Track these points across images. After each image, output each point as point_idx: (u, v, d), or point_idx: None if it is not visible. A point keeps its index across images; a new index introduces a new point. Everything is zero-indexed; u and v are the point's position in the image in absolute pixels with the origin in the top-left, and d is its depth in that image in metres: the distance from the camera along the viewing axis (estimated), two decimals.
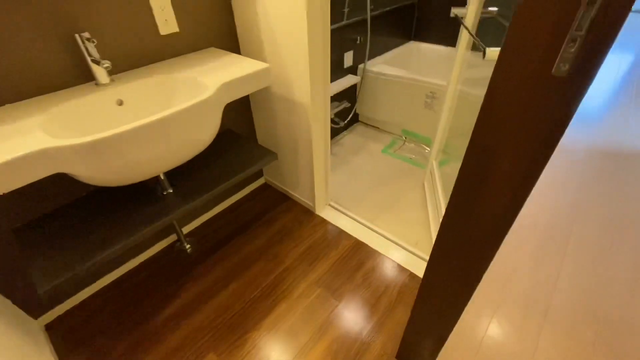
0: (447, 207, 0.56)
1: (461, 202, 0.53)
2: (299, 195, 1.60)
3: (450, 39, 2.22)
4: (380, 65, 2.00)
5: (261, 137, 1.57)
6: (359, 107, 2.20)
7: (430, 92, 1.80)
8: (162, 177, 1.03)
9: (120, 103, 0.93)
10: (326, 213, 1.56)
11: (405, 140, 2.12)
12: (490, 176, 0.47)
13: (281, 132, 1.42)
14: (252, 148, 1.25)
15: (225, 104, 0.98)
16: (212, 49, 1.17)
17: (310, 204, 1.56)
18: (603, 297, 1.13)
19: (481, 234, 0.52)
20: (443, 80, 1.76)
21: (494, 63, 0.41)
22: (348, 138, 2.17)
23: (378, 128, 2.25)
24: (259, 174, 1.74)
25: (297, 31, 1.03)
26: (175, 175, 1.12)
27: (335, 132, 2.13)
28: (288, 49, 1.11)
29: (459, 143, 1.79)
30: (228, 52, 1.13)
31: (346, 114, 2.11)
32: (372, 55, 2.10)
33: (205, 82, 0.93)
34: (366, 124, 2.30)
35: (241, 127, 1.50)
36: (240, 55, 1.10)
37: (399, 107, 1.99)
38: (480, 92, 1.70)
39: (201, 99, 0.83)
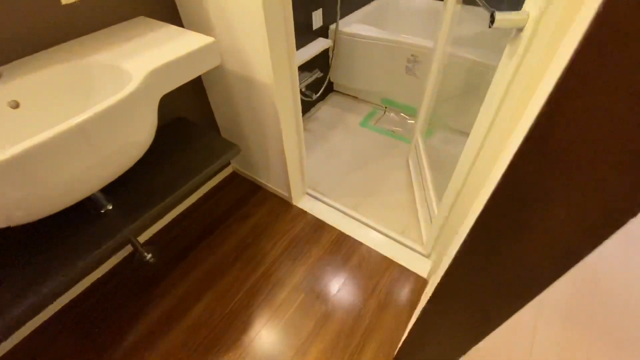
0: (462, 244, 0.41)
1: (484, 244, 0.38)
2: (272, 185, 1.43)
3: None
4: (355, 25, 1.75)
5: (221, 123, 1.35)
6: (333, 75, 1.97)
7: (412, 56, 1.60)
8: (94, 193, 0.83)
9: (15, 105, 0.69)
10: (304, 203, 1.41)
11: (385, 110, 1.94)
12: (534, 223, 0.32)
13: (244, 117, 1.21)
14: (210, 140, 1.05)
15: (161, 95, 0.76)
16: (141, 18, 0.91)
17: (286, 194, 1.39)
18: None
19: (505, 289, 0.39)
20: (425, 41, 1.55)
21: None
22: (323, 111, 1.96)
23: (355, 97, 2.04)
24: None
25: None
26: (115, 185, 0.91)
27: (308, 106, 1.91)
28: (239, 14, 0.87)
29: (445, 110, 1.63)
30: (162, 23, 0.88)
31: (319, 84, 1.88)
32: (344, 13, 1.83)
33: (129, 70, 0.70)
34: (342, 94, 2.08)
35: (195, 112, 1.27)
36: (177, 27, 0.85)
37: (378, 73, 1.78)
38: (473, 52, 1.53)
39: (118, 99, 0.61)
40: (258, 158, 1.35)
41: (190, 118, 1.25)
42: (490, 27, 0.60)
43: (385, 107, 1.95)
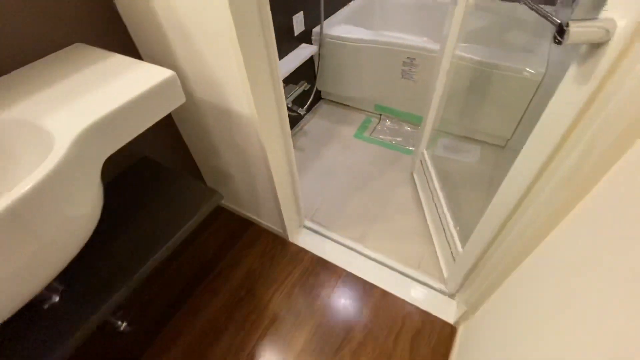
0: None
1: None
2: (264, 221, 1.24)
3: None
4: (341, 27, 1.56)
5: (199, 159, 1.14)
6: (320, 84, 1.78)
7: (408, 58, 1.43)
8: None
9: None
10: (303, 238, 1.22)
11: (380, 118, 1.77)
12: None
13: (225, 153, 1.01)
14: (183, 187, 0.85)
15: (105, 158, 0.56)
16: (79, 47, 0.70)
17: (281, 230, 1.21)
18: None
19: None
20: (424, 42, 1.38)
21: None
22: (312, 123, 1.77)
23: (347, 105, 1.86)
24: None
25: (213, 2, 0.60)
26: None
27: (295, 120, 1.72)
28: (205, 35, 0.67)
29: (448, 115, 1.47)
30: (105, 52, 0.67)
31: (307, 96, 1.69)
32: (328, 13, 1.64)
33: (52, 130, 0.49)
34: (332, 102, 1.90)
35: (165, 149, 1.06)
36: (124, 57, 0.64)
37: (370, 79, 1.60)
38: (481, 50, 1.34)
39: (30, 184, 0.41)
40: (246, 194, 1.16)
41: (159, 156, 1.04)
42: (558, 42, 0.42)
43: (380, 115, 1.77)
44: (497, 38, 1.56)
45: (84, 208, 0.52)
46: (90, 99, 0.54)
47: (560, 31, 0.42)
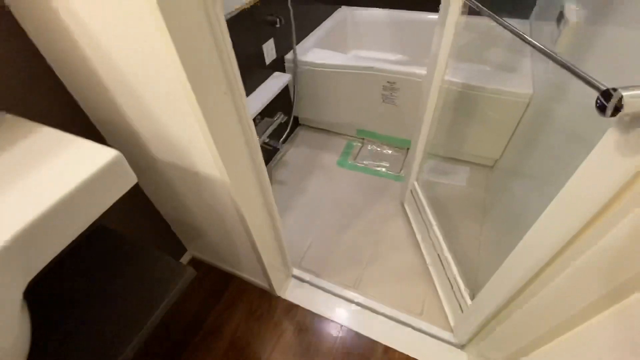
0: None
1: None
2: (247, 275, 1.11)
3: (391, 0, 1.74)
4: (315, 52, 1.47)
5: (168, 217, 1.01)
6: (298, 110, 1.68)
7: (388, 83, 1.35)
8: None
9: None
10: (291, 291, 1.10)
11: (363, 142, 1.68)
12: None
13: (198, 214, 0.88)
14: (148, 263, 0.71)
15: (28, 281, 0.42)
16: (5, 117, 0.56)
17: (266, 285, 1.08)
18: None
19: None
20: (403, 66, 1.31)
21: None
22: (292, 152, 1.66)
23: (327, 130, 1.77)
24: (180, 247, 1.19)
25: (155, 46, 0.48)
26: None
27: (274, 151, 1.61)
28: (156, 95, 0.55)
29: (438, 135, 1.40)
30: (33, 125, 0.53)
31: (283, 128, 1.58)
32: (300, 37, 1.55)
33: None
34: (311, 127, 1.80)
35: (125, 210, 0.92)
36: (56, 131, 0.51)
37: (349, 104, 1.52)
38: (468, 72, 1.28)
39: None
40: (224, 248, 1.03)
41: (119, 219, 0.90)
42: (602, 110, 0.34)
43: (363, 139, 1.69)
44: (479, 56, 1.53)
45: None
46: (6, 202, 0.41)
47: (606, 96, 0.33)
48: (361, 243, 1.25)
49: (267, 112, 1.38)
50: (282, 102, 1.53)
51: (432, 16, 1.68)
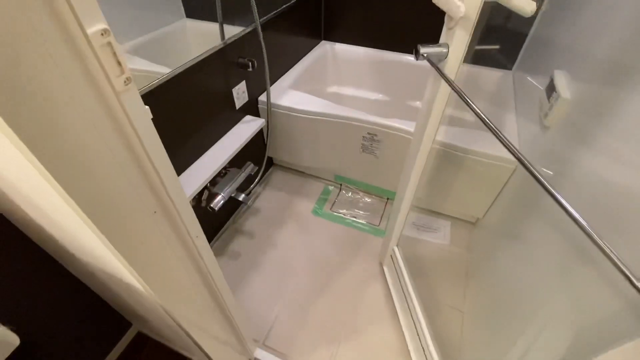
0: None
1: None
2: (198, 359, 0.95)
3: (374, 38, 1.68)
4: (291, 95, 1.36)
5: (102, 295, 0.84)
6: (271, 151, 1.56)
7: (369, 134, 1.26)
8: None
9: None
10: None
11: (341, 188, 1.58)
12: None
13: (133, 302, 0.73)
14: None
15: None
16: None
17: None
18: None
19: None
20: (385, 120, 1.22)
21: None
22: (264, 197, 1.53)
23: (303, 173, 1.65)
24: (124, 322, 1.02)
25: None
26: None
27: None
28: (58, 216, 0.41)
29: (420, 191, 1.32)
30: None
31: (254, 177, 1.45)
32: (278, 73, 1.44)
33: None
34: (286, 168, 1.68)
35: (55, 303, 0.75)
36: None
37: (327, 151, 1.41)
38: (453, 133, 1.19)
39: None
40: (168, 333, 0.87)
41: (51, 306, 0.73)
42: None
43: (341, 185, 1.59)
44: (465, 116, 1.47)
45: None
46: None
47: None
48: (336, 313, 1.12)
49: (235, 161, 1.25)
50: (254, 150, 1.41)
51: (411, 58, 1.63)
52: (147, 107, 0.39)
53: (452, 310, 1.13)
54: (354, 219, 1.44)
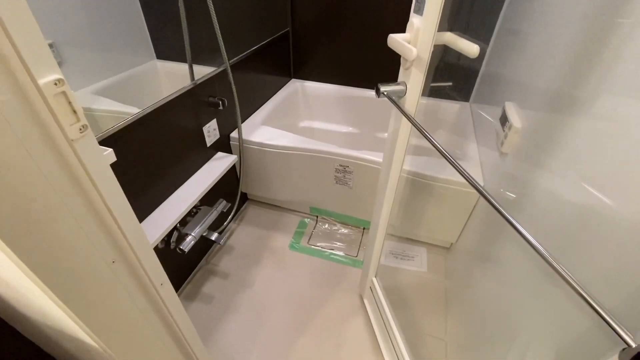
0: None
1: None
2: None
3: (340, 75, 1.77)
4: (262, 130, 1.38)
5: None
6: (245, 187, 1.54)
7: (341, 166, 1.29)
8: None
9: None
10: None
11: (317, 220, 1.57)
12: None
13: None
14: None
15: None
16: None
17: None
18: None
19: None
20: (355, 151, 1.26)
21: None
22: (239, 234, 1.48)
23: (278, 207, 1.63)
24: None
25: None
26: None
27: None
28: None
29: (394, 218, 1.34)
30: None
31: (227, 214, 1.42)
32: (250, 111, 1.47)
33: None
34: (260, 203, 1.66)
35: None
36: None
37: (301, 183, 1.42)
38: (419, 162, 1.24)
39: None
40: None
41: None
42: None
43: (317, 217, 1.58)
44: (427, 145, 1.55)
45: None
46: None
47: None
48: (318, 353, 1.07)
49: (206, 199, 1.22)
50: (228, 183, 1.39)
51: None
52: (109, 149, 0.38)
53: (434, 340, 1.11)
54: (332, 251, 1.42)
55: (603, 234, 0.49)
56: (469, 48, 0.53)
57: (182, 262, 1.24)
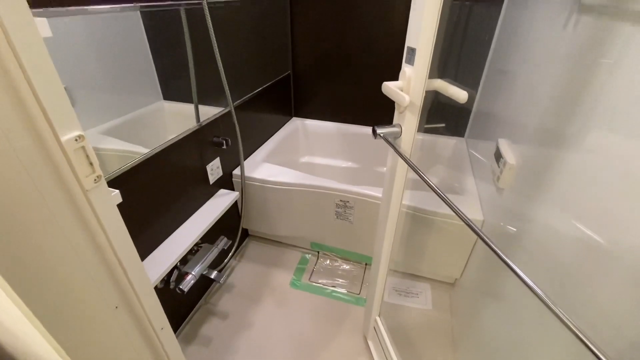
0: None
1: None
2: None
3: (340, 113, 1.84)
4: (264, 167, 1.41)
5: None
6: (246, 223, 1.55)
7: (341, 201, 1.30)
8: None
9: None
10: None
11: (318, 256, 1.55)
12: None
13: None
14: None
15: None
16: None
17: None
18: None
19: None
20: (354, 187, 1.28)
21: None
22: (239, 271, 1.46)
23: (279, 242, 1.63)
24: None
25: None
26: None
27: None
28: None
29: (396, 254, 1.32)
30: None
31: (228, 251, 1.42)
32: (251, 149, 1.51)
33: None
34: (261, 238, 1.65)
35: None
36: None
37: (302, 219, 1.42)
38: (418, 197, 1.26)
39: None
40: None
41: None
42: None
43: (318, 252, 1.57)
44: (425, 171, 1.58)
45: None
46: None
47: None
48: None
49: (208, 236, 1.22)
50: (230, 219, 1.40)
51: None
52: (116, 191, 0.40)
53: None
54: (334, 288, 1.40)
55: (602, 270, 0.49)
56: (458, 94, 0.57)
57: (181, 302, 1.22)
